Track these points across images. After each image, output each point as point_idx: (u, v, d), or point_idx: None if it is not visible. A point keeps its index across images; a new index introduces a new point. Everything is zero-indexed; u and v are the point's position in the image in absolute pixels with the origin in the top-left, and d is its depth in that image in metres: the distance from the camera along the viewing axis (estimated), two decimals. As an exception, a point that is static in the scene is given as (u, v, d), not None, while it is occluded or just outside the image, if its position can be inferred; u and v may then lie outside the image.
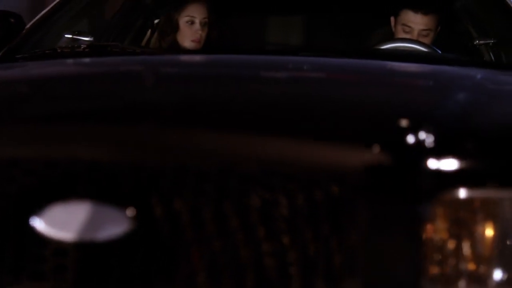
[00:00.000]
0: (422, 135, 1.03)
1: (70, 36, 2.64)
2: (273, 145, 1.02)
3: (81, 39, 2.72)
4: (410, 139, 1.03)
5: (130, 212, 1.00)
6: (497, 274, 1.00)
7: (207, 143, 1.03)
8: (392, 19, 2.87)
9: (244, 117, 1.09)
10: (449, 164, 1.01)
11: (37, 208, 1.01)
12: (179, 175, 1.01)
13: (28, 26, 2.50)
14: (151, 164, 1.02)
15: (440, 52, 2.43)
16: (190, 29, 2.95)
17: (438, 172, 1.00)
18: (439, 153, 1.01)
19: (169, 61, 1.77)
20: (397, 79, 1.50)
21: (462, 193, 0.99)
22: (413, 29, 2.77)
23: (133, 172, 1.01)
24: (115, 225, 0.99)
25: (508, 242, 1.00)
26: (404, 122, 1.08)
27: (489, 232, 1.01)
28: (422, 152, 1.02)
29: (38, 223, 1.01)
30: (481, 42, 2.57)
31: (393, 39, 2.67)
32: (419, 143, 1.02)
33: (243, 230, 0.98)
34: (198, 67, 1.61)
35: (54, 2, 2.59)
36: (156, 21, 3.24)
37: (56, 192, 1.02)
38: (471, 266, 1.01)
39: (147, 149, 1.03)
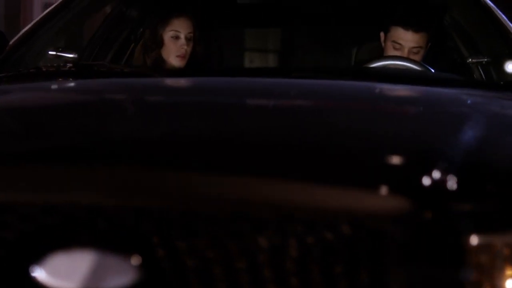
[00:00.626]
0: (444, 180, 1.00)
1: (54, 52, 2.59)
2: (288, 189, 0.98)
3: (65, 56, 2.67)
4: (433, 185, 0.99)
5: (135, 260, 0.95)
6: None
7: (215, 187, 0.99)
8: (381, 34, 2.85)
9: (254, 159, 1.05)
10: (479, 208, 0.97)
11: (37, 257, 0.96)
12: (187, 220, 0.96)
13: (11, 42, 2.44)
14: (157, 209, 0.98)
15: (432, 70, 2.40)
16: (175, 44, 2.91)
17: (472, 218, 0.96)
18: (467, 198, 0.98)
19: (159, 88, 1.71)
20: (404, 109, 1.46)
21: (494, 238, 0.95)
22: (403, 46, 2.75)
23: (138, 218, 0.97)
24: (120, 275, 0.95)
25: None
26: (426, 166, 1.03)
27: None
28: (448, 198, 0.98)
29: (38, 273, 0.96)
30: (474, 60, 2.55)
31: (385, 56, 2.65)
32: (443, 188, 0.99)
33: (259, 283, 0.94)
34: (192, 95, 1.56)
35: (37, 18, 2.53)
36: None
37: (56, 240, 0.97)
38: None
39: (153, 193, 0.99)
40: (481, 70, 2.71)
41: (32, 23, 2.52)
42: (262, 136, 1.14)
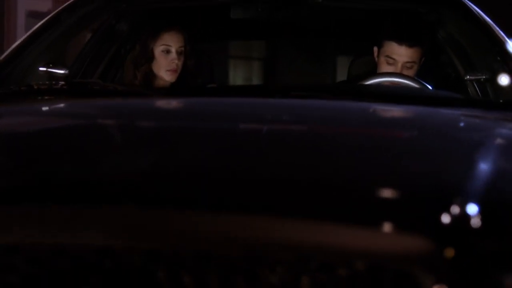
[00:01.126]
0: (467, 217, 0.97)
1: (44, 69, 2.54)
2: (304, 229, 0.95)
3: (56, 72, 2.63)
4: (456, 222, 0.96)
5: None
6: None
7: (228, 227, 0.95)
8: (375, 49, 2.83)
9: (267, 198, 1.01)
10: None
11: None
12: (198, 261, 0.93)
13: (1, 58, 2.40)
14: (167, 250, 0.94)
15: (429, 87, 2.38)
16: (166, 58, 2.88)
17: (499, 256, 0.93)
18: (492, 235, 0.95)
19: (158, 113, 1.66)
20: (415, 137, 1.42)
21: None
22: (397, 61, 2.73)
23: (148, 259, 0.93)
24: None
25: None
26: (447, 203, 1.00)
27: None
28: (472, 235, 0.95)
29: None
30: (471, 77, 2.53)
31: (382, 73, 2.62)
32: (466, 225, 0.96)
33: None
34: (194, 122, 1.51)
35: (27, 34, 2.48)
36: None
37: (64, 283, 0.93)
38: None
39: (163, 234, 0.95)
40: (476, 86, 2.69)
41: (22, 39, 2.48)
42: (275, 172, 1.10)
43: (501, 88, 2.47)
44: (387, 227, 0.96)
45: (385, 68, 2.74)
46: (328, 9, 2.93)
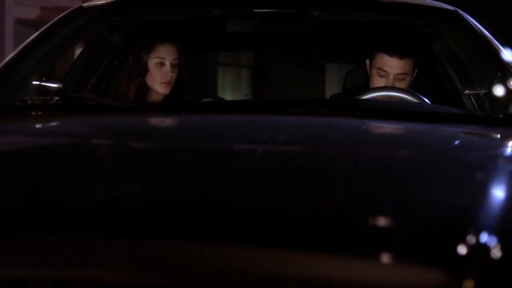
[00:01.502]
0: (486, 248, 0.94)
1: (37, 82, 2.50)
2: (320, 263, 0.92)
3: (49, 86, 2.59)
4: (473, 254, 0.93)
5: None
6: None
7: (244, 261, 0.92)
8: (367, 62, 2.81)
9: (281, 230, 0.98)
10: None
11: None
12: None
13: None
14: (178, 286, 0.90)
15: (427, 101, 2.35)
16: (160, 71, 2.85)
17: None
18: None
19: (158, 135, 1.62)
20: (423, 160, 1.38)
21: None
22: (388, 73, 2.73)
23: None
24: None
25: None
26: (463, 234, 0.97)
27: None
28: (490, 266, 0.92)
29: None
30: (470, 92, 2.51)
31: (379, 87, 2.60)
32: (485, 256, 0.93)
33: None
34: (194, 143, 1.46)
35: (19, 48, 2.44)
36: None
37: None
38: None
39: (174, 268, 0.91)
40: (473, 99, 2.67)
41: (14, 52, 2.44)
42: (286, 203, 1.06)
43: (499, 101, 2.45)
44: (401, 260, 0.93)
45: (377, 80, 2.73)
46: (323, 21, 2.90)
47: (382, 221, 1.02)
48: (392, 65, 2.74)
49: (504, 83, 2.45)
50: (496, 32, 2.57)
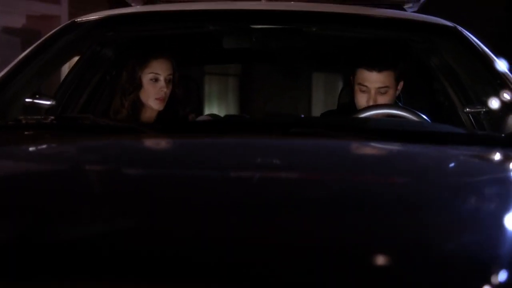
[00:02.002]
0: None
1: (30, 100, 2.45)
2: None
3: (41, 103, 2.54)
4: None
5: None
6: None
7: None
8: (351, 78, 2.79)
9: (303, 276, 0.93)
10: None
11: None
12: None
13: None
14: None
15: (426, 118, 2.32)
16: (154, 86, 2.79)
17: None
18: None
19: (155, 161, 1.56)
20: (436, 190, 1.33)
21: None
22: (369, 88, 2.71)
23: None
24: None
25: None
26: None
27: None
28: None
29: None
30: (470, 110, 2.47)
31: (379, 105, 2.56)
32: None
33: None
34: (199, 172, 1.41)
35: (11, 65, 2.38)
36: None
37: None
38: None
39: None
40: (471, 116, 2.65)
41: (6, 70, 2.38)
42: (295, 242, 1.01)
43: (498, 119, 2.43)
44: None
45: (359, 96, 2.72)
46: (319, 36, 2.87)
47: (394, 260, 0.98)
48: (371, 80, 2.71)
49: (504, 101, 2.43)
50: (485, 42, 2.55)
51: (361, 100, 2.73)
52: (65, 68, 3.15)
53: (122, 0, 3.03)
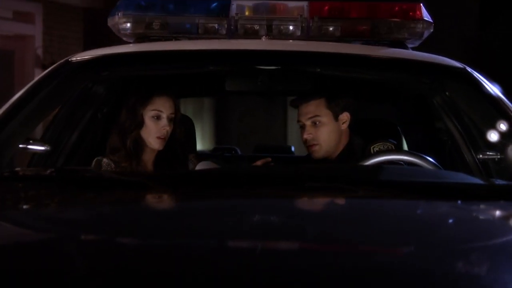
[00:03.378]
0: None
1: (24, 145, 2.33)
2: None
3: (35, 149, 2.42)
4: None
5: None
6: None
7: None
8: None
9: None
10: None
11: None
12: None
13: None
14: None
15: (436, 163, 2.24)
16: (156, 124, 2.70)
17: None
18: None
19: (164, 230, 1.45)
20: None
21: None
22: (304, 123, 2.75)
23: None
24: None
25: None
26: None
27: None
28: None
29: None
30: (484, 156, 2.40)
31: (387, 151, 2.47)
32: None
33: None
34: (202, 243, 1.33)
35: (5, 107, 2.27)
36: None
37: None
38: None
39: None
40: (473, 153, 2.57)
41: (-1, 112, 2.26)
42: None
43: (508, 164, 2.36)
44: None
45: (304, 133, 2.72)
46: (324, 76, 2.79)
47: None
48: (302, 113, 2.75)
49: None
50: (459, 60, 2.50)
51: (302, 137, 2.75)
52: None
53: (97, 22, 2.92)
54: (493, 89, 2.43)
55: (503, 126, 2.37)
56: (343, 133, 2.77)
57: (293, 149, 5.00)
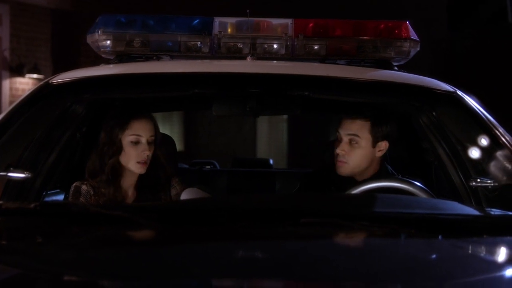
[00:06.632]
0: None
1: (4, 173, 2.24)
2: None
3: (15, 176, 2.33)
4: None
5: None
6: None
7: None
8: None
9: None
10: None
11: None
12: None
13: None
14: None
15: (428, 190, 2.20)
16: (136, 149, 2.60)
17: None
18: None
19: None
20: None
21: None
22: (341, 137, 2.67)
23: None
24: None
25: None
26: None
27: None
28: None
29: None
30: (478, 184, 2.36)
31: (380, 180, 2.41)
32: None
33: None
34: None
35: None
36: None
37: None
38: None
39: None
40: (461, 175, 2.53)
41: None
42: None
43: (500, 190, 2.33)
44: None
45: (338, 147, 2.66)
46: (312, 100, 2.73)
47: None
48: (343, 127, 2.67)
49: (507, 170, 2.33)
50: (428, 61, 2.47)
51: (335, 148, 2.68)
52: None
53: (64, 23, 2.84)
54: (485, 114, 2.40)
55: (494, 152, 2.34)
56: (376, 160, 2.68)
57: (271, 162, 4.93)
